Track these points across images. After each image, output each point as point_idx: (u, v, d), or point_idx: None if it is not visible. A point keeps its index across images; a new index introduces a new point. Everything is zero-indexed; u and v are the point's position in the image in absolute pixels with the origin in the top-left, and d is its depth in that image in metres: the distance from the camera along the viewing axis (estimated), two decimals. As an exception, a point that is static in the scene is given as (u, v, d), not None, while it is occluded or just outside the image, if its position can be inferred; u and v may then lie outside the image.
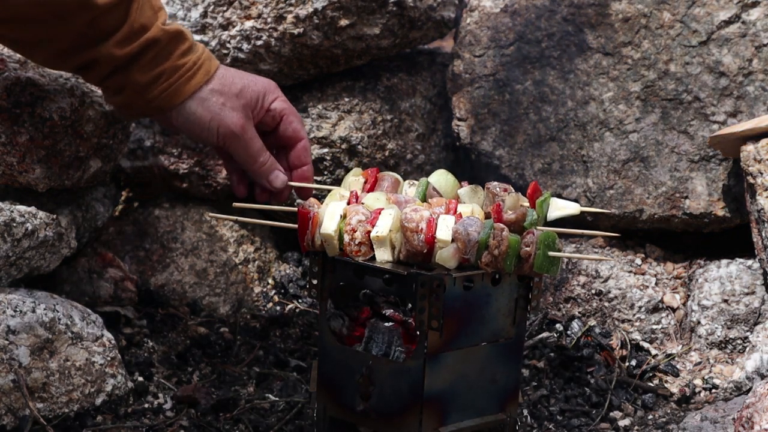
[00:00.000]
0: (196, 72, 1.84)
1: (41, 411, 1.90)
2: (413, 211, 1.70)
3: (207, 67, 1.86)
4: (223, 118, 1.86)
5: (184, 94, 1.83)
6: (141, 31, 1.78)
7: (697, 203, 2.38)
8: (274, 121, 1.95)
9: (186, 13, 2.35)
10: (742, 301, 2.26)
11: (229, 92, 1.87)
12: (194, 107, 1.84)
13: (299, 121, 1.97)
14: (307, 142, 1.99)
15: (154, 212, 2.45)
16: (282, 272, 2.49)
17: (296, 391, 2.09)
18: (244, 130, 1.88)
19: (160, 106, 1.84)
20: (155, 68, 1.80)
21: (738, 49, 2.39)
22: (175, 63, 1.82)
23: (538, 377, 2.18)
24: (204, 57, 1.86)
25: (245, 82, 1.90)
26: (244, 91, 1.89)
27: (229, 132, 1.87)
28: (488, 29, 2.49)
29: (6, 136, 2.01)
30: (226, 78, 1.88)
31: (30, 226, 1.98)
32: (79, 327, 1.99)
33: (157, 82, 1.81)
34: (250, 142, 1.90)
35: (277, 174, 1.94)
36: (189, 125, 1.87)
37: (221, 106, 1.86)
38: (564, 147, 2.43)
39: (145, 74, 1.80)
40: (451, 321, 1.69)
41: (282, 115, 1.94)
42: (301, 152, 1.98)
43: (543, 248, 1.68)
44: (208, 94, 1.85)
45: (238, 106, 1.88)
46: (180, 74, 1.82)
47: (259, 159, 1.91)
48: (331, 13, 2.32)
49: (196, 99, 1.84)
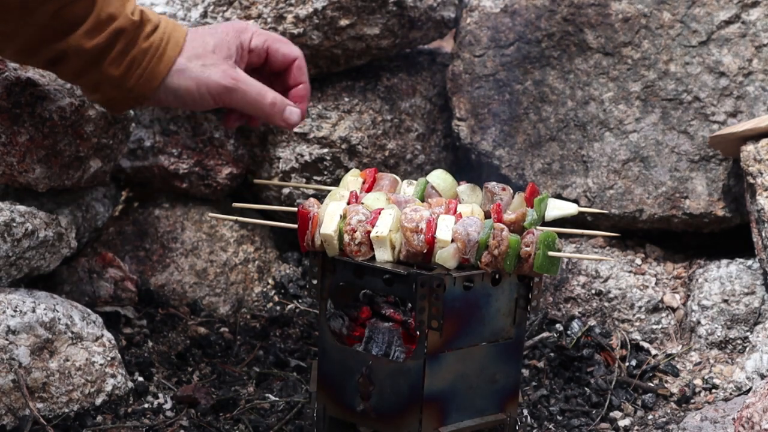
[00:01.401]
0: (165, 48, 1.78)
1: (41, 411, 1.90)
2: (413, 211, 1.70)
3: (175, 39, 1.79)
4: (209, 78, 1.80)
5: (160, 73, 1.78)
6: (109, 21, 1.73)
7: (697, 203, 2.38)
8: (260, 57, 1.88)
9: (186, 13, 2.35)
10: (742, 301, 2.26)
11: (205, 52, 1.80)
12: (176, 81, 1.79)
13: (285, 43, 1.90)
14: (301, 60, 1.91)
15: (154, 212, 2.45)
16: (282, 272, 2.49)
17: (296, 391, 2.09)
18: (234, 80, 1.81)
19: (141, 93, 1.79)
20: (125, 58, 1.75)
21: (738, 49, 2.39)
22: (141, 47, 1.76)
23: (538, 377, 2.18)
24: (169, 29, 1.79)
25: (218, 36, 1.83)
26: (220, 44, 1.82)
27: (220, 88, 1.81)
28: (488, 29, 2.49)
29: (6, 136, 2.01)
30: (197, 40, 1.81)
31: (30, 226, 1.98)
32: (79, 327, 1.99)
33: (130, 70, 1.76)
34: (246, 89, 1.83)
35: (290, 111, 1.87)
36: (180, 99, 1.82)
37: (201, 68, 1.79)
38: (564, 147, 2.43)
39: (117, 67, 1.75)
40: (451, 321, 1.69)
41: (266, 47, 1.87)
42: (296, 71, 1.90)
43: (543, 248, 1.68)
44: (185, 64, 1.79)
45: (219, 60, 1.81)
46: (150, 55, 1.76)
47: (265, 101, 1.85)
48: (331, 13, 2.32)
49: (175, 73, 1.79)
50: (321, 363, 1.80)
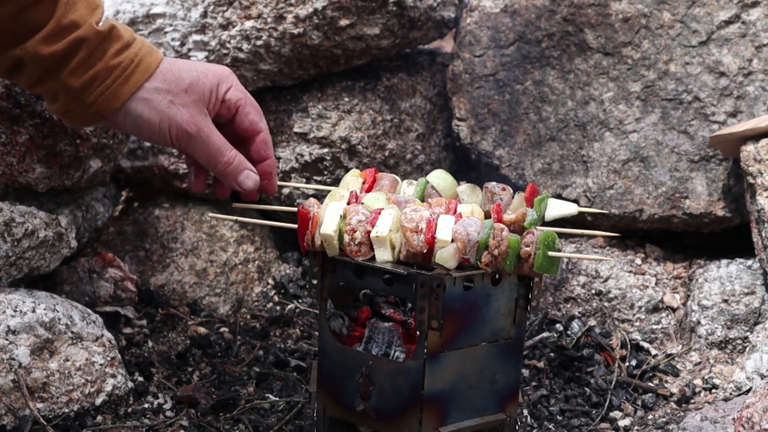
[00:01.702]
0: (134, 70, 1.69)
1: (41, 411, 1.90)
2: (413, 211, 1.70)
3: (146, 64, 1.70)
4: (174, 116, 1.71)
5: (123, 95, 1.69)
6: (70, 28, 1.65)
7: (697, 203, 2.38)
8: (230, 112, 1.79)
9: (186, 13, 2.35)
10: (742, 301, 2.26)
11: (177, 88, 1.71)
12: (139, 109, 1.70)
13: (257, 112, 1.81)
14: (266, 135, 1.82)
15: (154, 212, 2.45)
16: (282, 272, 2.49)
17: (296, 391, 2.09)
18: (198, 128, 1.72)
19: (99, 111, 1.70)
20: (88, 71, 1.66)
21: (738, 49, 2.39)
22: (108, 63, 1.67)
23: (538, 377, 2.18)
24: (143, 52, 1.70)
25: (194, 75, 1.73)
26: (194, 85, 1.72)
27: (182, 132, 1.72)
28: (488, 29, 2.49)
29: (6, 136, 2.01)
30: (171, 72, 1.72)
31: (30, 226, 1.98)
32: (79, 327, 1.99)
33: (92, 85, 1.68)
34: (207, 140, 1.74)
35: (247, 174, 1.79)
36: (138, 129, 1.73)
37: (169, 104, 1.70)
38: (564, 147, 2.43)
39: (77, 78, 1.67)
40: (451, 321, 1.69)
41: (237, 105, 1.78)
42: (260, 146, 1.81)
43: (543, 248, 1.68)
44: (152, 94, 1.70)
45: (189, 102, 1.71)
46: (116, 75, 1.68)
47: (222, 158, 1.76)
48: (331, 13, 2.32)
49: (139, 100, 1.70)
50: (321, 363, 1.79)
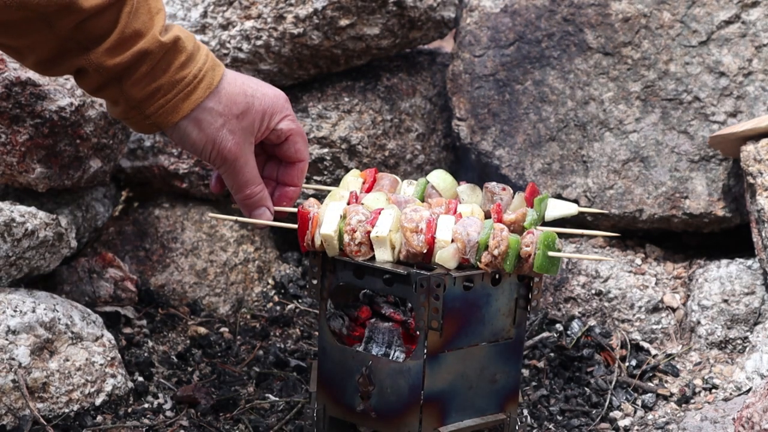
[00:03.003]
0: (197, 86, 1.70)
1: (41, 411, 1.90)
2: (413, 211, 1.70)
3: (209, 80, 1.71)
4: (219, 142, 1.73)
5: (183, 111, 1.70)
6: (134, 38, 1.64)
7: (697, 203, 2.38)
8: (279, 140, 1.83)
9: (186, 13, 2.35)
10: (742, 301, 2.26)
11: (230, 113, 1.73)
12: (190, 129, 1.71)
13: (304, 142, 1.84)
14: (305, 165, 1.87)
15: (154, 212, 2.45)
16: (282, 272, 2.49)
17: (296, 391, 2.09)
18: (236, 157, 1.75)
19: (157, 122, 1.71)
20: (151, 83, 1.67)
21: (738, 49, 2.39)
22: (172, 78, 1.68)
23: (538, 377, 2.18)
24: (206, 67, 1.71)
25: (249, 101, 1.75)
26: (247, 113, 1.75)
27: (221, 156, 1.75)
28: (488, 29, 2.49)
29: (6, 136, 2.02)
30: (229, 95, 1.73)
31: (30, 226, 1.98)
32: (79, 327, 1.99)
33: (153, 98, 1.68)
34: (240, 170, 1.77)
35: (263, 211, 1.83)
36: (182, 143, 1.75)
37: (219, 128, 1.72)
38: (564, 147, 2.43)
39: (140, 89, 1.67)
40: (451, 321, 1.69)
41: (288, 135, 1.82)
42: (296, 173, 1.86)
43: (543, 248, 1.68)
44: (206, 114, 1.72)
45: (238, 129, 1.74)
46: (178, 89, 1.69)
47: (246, 190, 1.80)
48: (331, 13, 2.32)
49: (191, 119, 1.71)
50: (321, 363, 1.80)
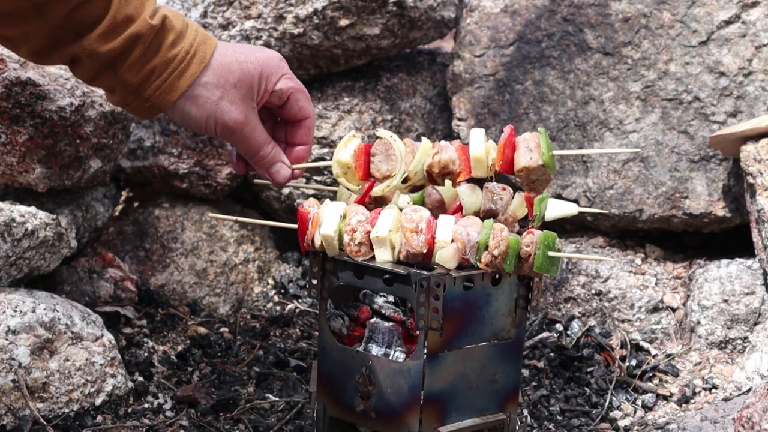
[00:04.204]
0: (190, 62, 1.71)
1: (41, 411, 1.90)
2: (413, 211, 1.70)
3: (202, 54, 1.72)
4: (220, 115, 1.74)
5: (180, 88, 1.71)
6: (126, 23, 1.66)
7: (697, 203, 2.38)
8: (281, 100, 1.83)
9: (186, 13, 2.35)
10: (742, 301, 2.26)
11: (226, 83, 1.74)
12: (188, 107, 1.73)
13: (306, 98, 1.84)
14: (312, 121, 1.87)
15: (154, 212, 2.45)
16: (282, 272, 2.49)
17: (296, 391, 2.09)
18: (242, 125, 1.77)
19: (156, 104, 1.73)
20: (145, 66, 1.68)
21: (738, 49, 2.39)
22: (164, 57, 1.68)
23: (538, 377, 2.18)
24: (197, 42, 1.72)
25: (244, 68, 1.76)
26: (243, 80, 1.75)
27: (226, 128, 1.76)
28: (488, 29, 2.49)
29: (6, 136, 2.02)
30: (223, 65, 1.74)
31: (30, 226, 1.98)
32: (79, 327, 1.99)
33: (149, 80, 1.70)
34: (249, 136, 1.79)
35: (280, 166, 1.84)
36: (185, 123, 1.78)
37: (217, 101, 1.74)
38: (564, 147, 2.43)
39: (135, 73, 1.69)
40: (451, 321, 1.69)
41: (288, 94, 1.82)
42: (303, 131, 1.86)
43: (543, 248, 1.68)
44: (202, 90, 1.72)
45: (237, 98, 1.75)
46: (172, 68, 1.70)
47: (259, 152, 1.81)
48: (331, 13, 2.32)
49: (189, 97, 1.73)
50: (321, 363, 1.80)
